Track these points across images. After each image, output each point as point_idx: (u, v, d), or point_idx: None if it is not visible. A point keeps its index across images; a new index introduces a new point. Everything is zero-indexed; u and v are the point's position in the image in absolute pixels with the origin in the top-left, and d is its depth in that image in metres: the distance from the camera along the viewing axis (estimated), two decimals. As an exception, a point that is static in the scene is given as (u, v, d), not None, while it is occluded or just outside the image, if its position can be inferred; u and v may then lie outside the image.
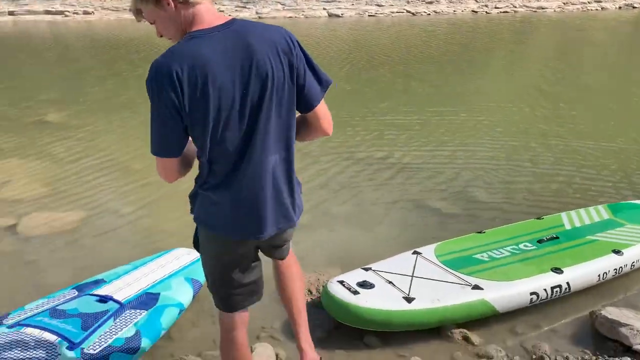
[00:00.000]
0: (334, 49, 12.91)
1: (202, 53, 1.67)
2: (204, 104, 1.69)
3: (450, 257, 3.28)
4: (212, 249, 1.97)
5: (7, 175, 5.40)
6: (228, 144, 1.76)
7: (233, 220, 1.86)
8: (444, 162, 5.59)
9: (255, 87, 1.73)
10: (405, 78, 9.70)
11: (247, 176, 1.80)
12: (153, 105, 1.70)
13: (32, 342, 2.54)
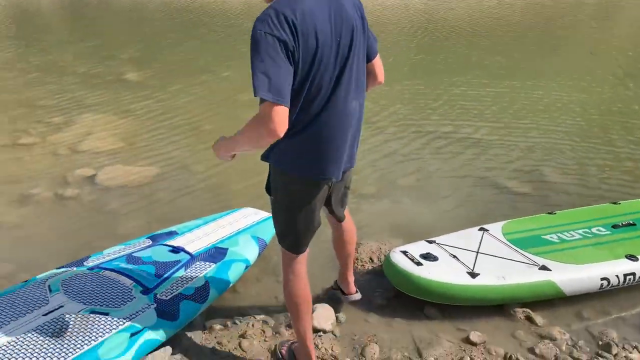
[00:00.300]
0: (406, 19, 12.62)
1: (306, 4, 1.80)
2: (311, 50, 1.81)
3: (518, 236, 3.21)
4: (293, 193, 2.08)
5: (88, 128, 5.69)
6: (321, 90, 1.88)
7: (317, 162, 1.98)
8: (516, 139, 5.40)
9: (345, 37, 1.89)
10: (481, 51, 9.36)
11: (331, 120, 1.93)
12: (268, 50, 1.72)
13: (110, 284, 2.72)
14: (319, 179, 2.03)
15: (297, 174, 2.02)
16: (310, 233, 2.19)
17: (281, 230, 2.22)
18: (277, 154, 2.02)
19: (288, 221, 2.16)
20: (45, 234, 3.73)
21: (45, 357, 2.21)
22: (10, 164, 4.89)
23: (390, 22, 11.64)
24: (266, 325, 2.79)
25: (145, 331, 2.43)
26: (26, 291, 2.65)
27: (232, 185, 4.42)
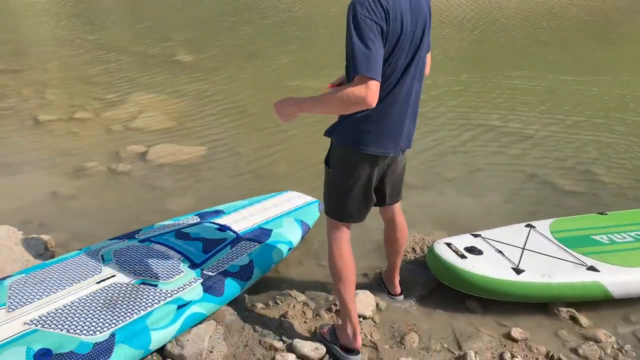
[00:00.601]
0: (458, 11, 12.36)
1: None
2: (396, 35, 2.01)
3: (566, 235, 3.14)
4: (352, 167, 2.22)
5: (141, 106, 5.85)
6: (394, 72, 2.08)
7: (380, 138, 2.15)
8: (569, 135, 5.24)
9: (419, 28, 2.10)
10: (535, 43, 9.09)
11: (397, 100, 2.13)
12: (367, 33, 1.92)
13: (159, 257, 2.81)
14: (380, 153, 2.18)
15: (360, 149, 2.15)
16: (362, 207, 2.33)
17: (333, 202, 2.35)
18: (341, 130, 2.18)
19: (342, 193, 2.28)
20: (98, 206, 3.88)
21: (97, 322, 2.32)
22: (66, 138, 5.09)
23: (441, 14, 11.44)
24: (307, 307, 2.83)
25: (191, 304, 2.51)
26: (80, 260, 2.78)
27: (277, 169, 4.48)
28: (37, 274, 2.64)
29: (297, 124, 5.25)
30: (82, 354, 2.16)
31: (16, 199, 3.95)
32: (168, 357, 2.41)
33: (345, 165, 2.23)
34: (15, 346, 2.15)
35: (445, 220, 3.73)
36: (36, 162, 4.59)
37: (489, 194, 4.14)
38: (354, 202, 2.29)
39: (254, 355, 2.47)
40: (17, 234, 3.23)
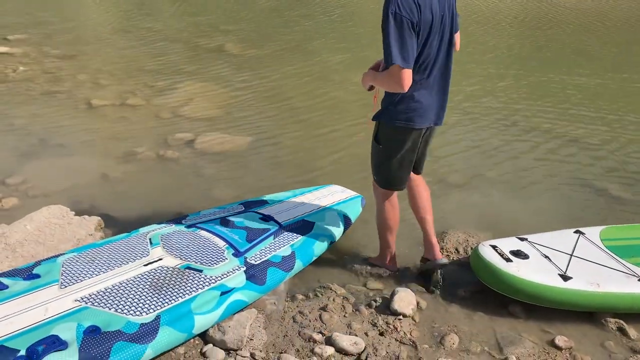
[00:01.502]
0: (505, 8, 12.08)
1: None
2: (428, 23, 2.37)
3: (618, 244, 3.04)
4: (401, 142, 2.64)
5: (189, 95, 5.96)
6: (429, 55, 2.46)
7: (425, 113, 2.57)
8: (620, 139, 5.05)
9: (447, 13, 2.46)
10: (585, 41, 8.80)
11: (436, 79, 2.54)
12: (399, 28, 2.30)
13: (205, 243, 2.87)
14: (426, 126, 2.62)
15: (409, 124, 2.57)
16: (407, 174, 2.81)
17: (383, 173, 2.80)
18: (391, 113, 2.59)
19: (392, 165, 2.73)
20: (146, 191, 3.98)
21: (144, 303, 2.39)
22: (118, 123, 5.24)
23: (487, 10, 11.20)
24: (346, 301, 2.84)
25: (234, 291, 2.55)
26: (129, 242, 2.86)
27: (320, 164, 4.49)
28: (88, 253, 2.73)
29: (339, 120, 5.26)
30: (129, 333, 2.22)
31: (69, 179, 4.09)
32: (210, 342, 2.46)
33: (395, 141, 2.66)
34: (67, 322, 2.24)
35: (489, 222, 3.67)
36: (88, 145, 4.74)
37: (536, 197, 4.05)
38: (402, 171, 2.76)
39: (293, 346, 2.49)
40: (70, 213, 3.35)
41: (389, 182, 2.83)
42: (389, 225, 2.96)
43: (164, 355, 2.39)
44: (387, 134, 2.67)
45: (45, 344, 2.09)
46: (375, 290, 2.96)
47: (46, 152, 4.59)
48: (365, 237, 3.43)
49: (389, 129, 2.65)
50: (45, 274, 2.53)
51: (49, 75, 6.54)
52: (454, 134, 5.08)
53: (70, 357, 2.06)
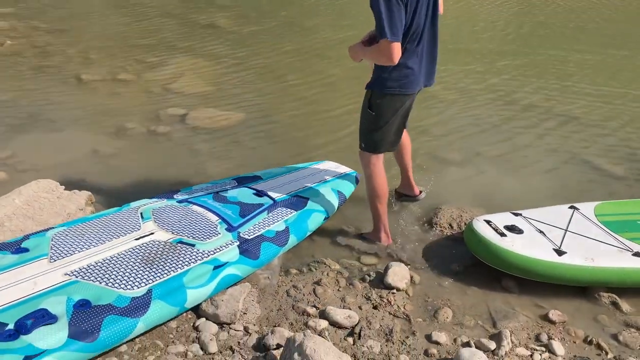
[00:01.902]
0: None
1: None
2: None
3: (612, 219, 3.03)
4: (393, 107, 2.77)
5: (181, 70, 5.86)
6: (418, 27, 2.61)
7: (417, 78, 2.72)
8: (616, 116, 5.00)
9: None
10: (583, 19, 8.71)
11: (425, 46, 2.69)
12: (390, 4, 2.41)
13: (197, 218, 2.84)
14: (417, 90, 2.78)
15: (402, 91, 2.71)
16: (399, 136, 2.97)
17: (372, 138, 2.87)
18: (382, 81, 2.69)
19: (383, 129, 2.83)
20: (138, 166, 3.92)
21: (135, 277, 2.36)
22: (108, 97, 5.15)
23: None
24: (340, 275, 2.83)
25: (227, 266, 2.53)
26: (120, 216, 2.82)
27: (314, 139, 4.43)
28: (78, 227, 2.69)
29: (336, 97, 5.19)
30: (120, 307, 2.20)
31: (59, 154, 4.03)
32: (202, 316, 2.45)
33: (389, 108, 2.77)
34: (57, 295, 2.21)
35: (484, 197, 3.65)
36: (79, 120, 4.67)
37: (531, 173, 4.02)
38: (394, 133, 2.90)
39: (287, 320, 2.48)
40: (59, 188, 3.30)
41: (376, 146, 2.90)
42: (378, 194, 2.97)
43: (156, 329, 2.37)
44: (381, 101, 2.75)
45: (34, 317, 2.07)
46: (369, 264, 2.95)
47: (36, 126, 4.52)
48: (359, 213, 3.41)
49: (382, 97, 2.74)
50: (34, 248, 2.49)
51: (38, 49, 6.42)
52: (451, 111, 5.03)
53: (60, 330, 2.04)
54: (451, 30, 7.52)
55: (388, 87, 2.70)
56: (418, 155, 3.93)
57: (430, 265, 2.95)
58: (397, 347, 2.34)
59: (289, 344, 2.08)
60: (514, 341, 2.40)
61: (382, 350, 2.31)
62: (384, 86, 2.71)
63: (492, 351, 2.33)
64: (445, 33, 3.08)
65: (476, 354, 2.20)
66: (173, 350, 2.26)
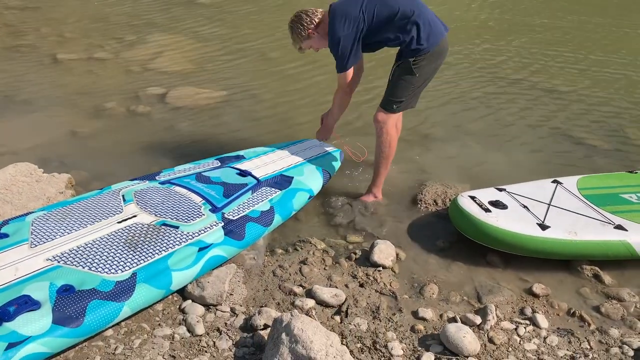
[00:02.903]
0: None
1: None
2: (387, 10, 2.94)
3: (594, 192, 3.06)
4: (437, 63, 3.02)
5: (160, 48, 5.74)
6: (392, 9, 2.91)
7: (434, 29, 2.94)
8: (599, 91, 5.03)
9: None
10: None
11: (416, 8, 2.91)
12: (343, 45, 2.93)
13: (180, 199, 2.80)
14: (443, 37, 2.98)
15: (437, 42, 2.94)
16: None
17: (408, 99, 3.05)
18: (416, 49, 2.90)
19: (420, 88, 3.06)
20: (118, 147, 3.86)
21: (119, 261, 2.33)
22: (85, 77, 5.03)
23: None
24: (326, 254, 2.82)
25: (212, 247, 2.50)
26: (102, 198, 2.77)
27: (298, 117, 4.39)
28: (59, 211, 2.64)
29: (317, 73, 5.10)
30: (104, 291, 2.17)
31: (36, 136, 3.94)
32: (188, 298, 2.43)
33: (429, 65, 2.97)
34: (39, 281, 2.17)
35: (468, 173, 3.66)
36: (55, 100, 4.56)
37: (514, 148, 4.04)
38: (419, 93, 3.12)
39: (274, 299, 2.47)
40: (38, 171, 3.23)
41: (410, 105, 3.12)
42: (393, 151, 3.19)
43: (142, 312, 2.35)
44: (423, 63, 2.95)
45: (17, 304, 2.03)
46: (355, 243, 2.95)
47: (11, 108, 4.41)
48: (344, 192, 3.40)
49: (422, 59, 2.93)
50: (13, 233, 2.44)
51: (10, 28, 6.23)
52: (434, 87, 4.99)
53: (44, 316, 2.01)
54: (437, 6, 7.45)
55: (424, 49, 2.90)
56: (403, 132, 3.91)
57: (416, 242, 2.96)
58: (384, 324, 2.35)
59: (276, 324, 2.07)
60: (499, 315, 2.43)
61: (370, 327, 2.33)
62: (419, 50, 2.90)
63: (477, 325, 2.36)
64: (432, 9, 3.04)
65: (462, 328, 2.22)
66: (160, 333, 2.25)
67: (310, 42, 3.08)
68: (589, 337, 2.34)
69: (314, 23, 3.02)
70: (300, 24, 3.02)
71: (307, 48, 3.14)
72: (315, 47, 3.12)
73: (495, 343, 2.27)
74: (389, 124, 3.09)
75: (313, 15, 3.03)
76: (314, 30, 3.03)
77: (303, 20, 3.02)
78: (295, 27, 3.05)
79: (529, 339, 2.31)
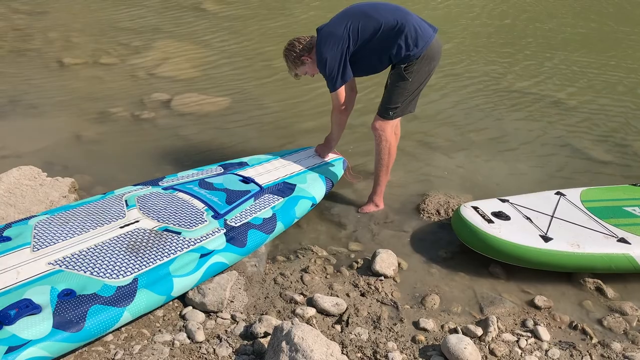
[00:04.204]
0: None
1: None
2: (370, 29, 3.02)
3: (597, 205, 3.06)
4: (430, 66, 3.03)
5: (165, 54, 5.76)
6: (397, 15, 2.98)
7: (424, 32, 2.95)
8: (603, 103, 5.02)
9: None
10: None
11: (399, 14, 2.96)
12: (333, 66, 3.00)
13: (183, 205, 2.80)
14: (433, 38, 2.97)
15: (427, 46, 2.94)
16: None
17: (404, 104, 3.07)
18: (407, 55, 2.93)
19: (415, 92, 3.08)
20: (122, 152, 3.87)
21: (120, 266, 2.33)
22: (91, 82, 5.05)
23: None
24: (328, 263, 2.82)
25: (214, 254, 2.50)
26: (105, 203, 2.78)
27: (302, 124, 4.40)
28: (62, 215, 2.64)
29: (322, 80, 5.12)
30: (105, 296, 2.17)
31: (40, 140, 3.95)
32: (189, 305, 2.43)
33: (422, 69, 3.00)
34: (40, 285, 2.17)
35: (471, 183, 3.66)
36: (61, 105, 4.57)
37: (518, 159, 4.04)
38: (414, 100, 3.14)
39: (275, 307, 2.47)
40: (42, 175, 3.24)
41: (408, 110, 3.14)
42: (392, 159, 3.21)
43: (143, 318, 2.35)
44: (416, 67, 2.98)
45: (18, 307, 2.03)
46: (357, 251, 2.95)
47: (16, 112, 4.43)
48: (347, 200, 3.40)
49: (414, 64, 2.96)
50: (16, 237, 2.44)
51: (18, 32, 6.27)
52: (436, 96, 5.01)
53: (45, 320, 2.01)
54: (439, 19, 7.48)
55: (413, 54, 2.93)
56: (406, 141, 3.92)
57: (418, 252, 2.96)
58: (385, 334, 2.35)
59: (276, 333, 2.07)
60: (500, 327, 2.42)
61: (370, 337, 2.32)
62: (412, 55, 2.93)
63: (479, 337, 2.34)
64: (433, 21, 3.06)
65: (463, 340, 2.21)
66: (160, 339, 2.24)
67: (305, 68, 3.15)
68: (590, 350, 2.32)
69: (306, 49, 3.09)
70: (294, 51, 3.09)
71: (302, 74, 3.21)
72: (310, 72, 3.19)
73: (496, 355, 2.26)
74: (387, 131, 3.11)
75: (305, 43, 3.10)
76: (307, 56, 3.09)
77: (296, 48, 3.09)
78: (289, 55, 3.12)
79: (531, 351, 2.30)
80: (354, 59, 3.01)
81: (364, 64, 3.06)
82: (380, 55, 3.00)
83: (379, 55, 3.00)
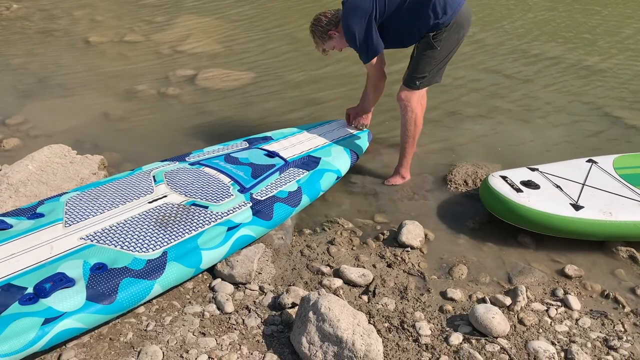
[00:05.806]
0: None
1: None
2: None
3: (631, 172, 2.97)
4: (459, 34, 2.94)
5: (188, 30, 5.77)
6: None
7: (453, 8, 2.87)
8: (636, 67, 4.86)
9: None
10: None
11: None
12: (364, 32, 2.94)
13: (209, 180, 2.82)
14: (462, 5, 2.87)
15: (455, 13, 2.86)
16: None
17: (432, 73, 3.00)
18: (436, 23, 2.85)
19: (444, 62, 3.01)
20: (149, 128, 3.91)
21: (150, 240, 2.37)
22: (117, 60, 5.10)
23: None
24: (354, 235, 2.82)
25: (241, 227, 2.53)
26: (133, 179, 2.82)
27: (326, 98, 4.37)
28: (92, 191, 2.70)
29: (345, 52, 5.08)
30: (136, 269, 2.22)
31: (70, 119, 4.02)
32: (218, 277, 2.47)
33: (451, 37, 2.92)
34: (73, 259, 2.23)
35: (499, 153, 3.59)
36: (88, 83, 4.64)
37: (547, 127, 3.94)
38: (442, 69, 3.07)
39: (302, 279, 2.49)
40: (72, 152, 3.31)
41: (435, 80, 3.07)
42: (419, 129, 3.15)
43: (173, 290, 2.40)
44: (445, 35, 2.90)
45: (53, 281, 2.09)
46: (383, 223, 2.93)
47: (46, 91, 4.50)
48: (372, 171, 3.38)
49: (443, 32, 2.88)
50: (49, 213, 2.51)
51: (44, 12, 6.35)
52: (465, 64, 4.91)
53: (78, 293, 2.06)
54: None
55: (442, 22, 2.85)
56: (432, 111, 3.86)
57: (445, 223, 2.93)
58: (412, 304, 2.35)
59: (303, 303, 2.09)
60: (529, 296, 2.39)
61: (397, 307, 2.32)
62: (439, 24, 2.86)
63: (507, 306, 2.32)
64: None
65: (491, 309, 2.20)
66: (190, 310, 2.29)
67: (332, 43, 3.11)
68: (623, 319, 2.28)
69: (332, 23, 3.04)
70: (320, 26, 3.06)
71: (330, 49, 3.18)
72: (338, 47, 3.15)
73: (525, 324, 2.24)
74: (413, 102, 3.05)
75: (331, 16, 3.05)
76: (334, 30, 3.05)
77: (322, 22, 3.05)
78: (315, 30, 3.09)
79: (561, 320, 2.27)
80: (382, 30, 2.94)
81: (394, 35, 2.98)
82: (409, 25, 2.91)
83: (408, 25, 2.92)
